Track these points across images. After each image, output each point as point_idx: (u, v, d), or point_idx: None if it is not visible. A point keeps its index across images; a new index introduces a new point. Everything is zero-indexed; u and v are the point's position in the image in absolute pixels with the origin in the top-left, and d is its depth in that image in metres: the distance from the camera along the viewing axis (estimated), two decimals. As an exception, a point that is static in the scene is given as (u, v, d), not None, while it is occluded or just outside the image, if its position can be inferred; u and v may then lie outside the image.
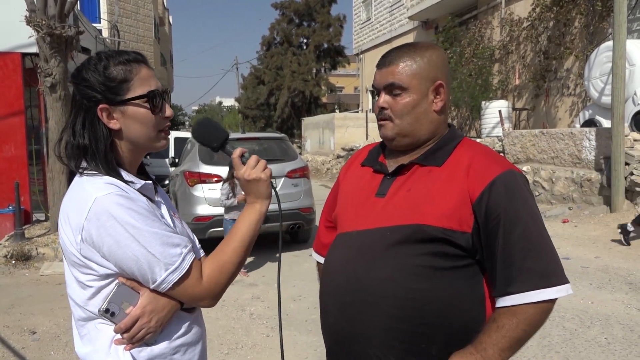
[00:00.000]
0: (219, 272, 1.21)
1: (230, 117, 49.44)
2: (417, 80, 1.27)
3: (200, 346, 1.28)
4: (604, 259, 5.72)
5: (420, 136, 1.31)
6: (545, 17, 11.83)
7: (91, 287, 1.16)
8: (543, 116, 12.07)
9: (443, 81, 1.30)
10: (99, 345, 1.17)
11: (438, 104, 1.30)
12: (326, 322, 1.36)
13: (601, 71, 8.80)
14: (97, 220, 1.10)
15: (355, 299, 1.25)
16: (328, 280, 1.35)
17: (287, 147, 7.36)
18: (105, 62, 1.19)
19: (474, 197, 1.20)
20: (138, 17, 22.82)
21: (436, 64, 1.29)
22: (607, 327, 3.89)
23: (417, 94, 1.28)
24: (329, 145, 18.47)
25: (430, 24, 16.68)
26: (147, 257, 1.11)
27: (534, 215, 1.21)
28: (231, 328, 4.24)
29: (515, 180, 1.22)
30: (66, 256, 1.19)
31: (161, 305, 1.16)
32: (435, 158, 1.29)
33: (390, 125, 1.31)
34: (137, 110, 1.20)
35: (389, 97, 1.30)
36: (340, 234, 1.37)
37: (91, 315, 1.18)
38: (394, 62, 1.29)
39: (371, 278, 1.23)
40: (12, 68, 8.12)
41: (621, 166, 7.33)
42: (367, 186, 1.35)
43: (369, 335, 1.23)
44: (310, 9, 29.59)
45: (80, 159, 1.20)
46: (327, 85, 30.50)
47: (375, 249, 1.25)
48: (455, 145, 1.31)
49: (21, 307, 4.91)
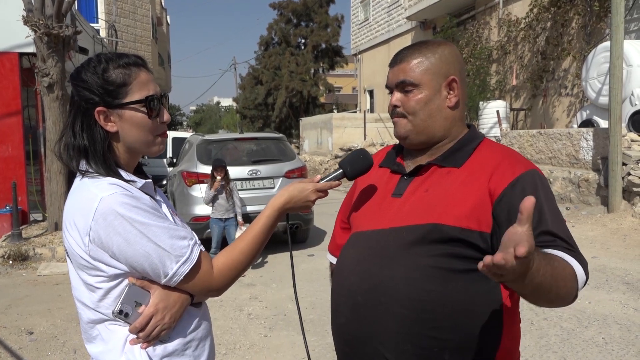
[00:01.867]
0: (230, 265, 1.24)
1: (228, 117, 49.40)
2: (428, 76, 1.26)
3: (209, 341, 1.30)
4: (601, 259, 5.73)
5: (434, 133, 1.28)
6: (543, 18, 11.86)
7: (100, 289, 1.16)
8: (541, 116, 12.09)
9: (456, 76, 1.28)
10: (112, 345, 1.18)
11: (452, 100, 1.28)
12: (337, 322, 1.32)
13: (598, 72, 8.82)
14: (104, 220, 1.10)
15: (367, 299, 1.22)
16: (340, 280, 1.32)
17: (285, 147, 7.36)
18: (104, 64, 1.19)
19: (495, 197, 1.17)
20: (136, 17, 22.79)
21: (448, 59, 1.28)
22: (604, 327, 3.90)
23: (429, 90, 1.26)
24: (327, 146, 18.47)
25: (428, 25, 16.70)
26: (157, 252, 1.12)
27: (557, 214, 1.18)
28: (229, 328, 4.24)
29: (537, 179, 1.20)
30: (73, 259, 1.19)
31: (173, 301, 1.18)
32: (454, 159, 1.26)
33: (403, 123, 1.29)
34: (135, 115, 1.20)
35: (402, 94, 1.28)
36: (355, 234, 1.35)
37: (102, 317, 1.18)
38: (405, 60, 1.28)
39: (384, 278, 1.20)
40: (9, 68, 8.10)
41: (618, 166, 7.35)
42: (384, 187, 1.34)
43: (380, 336, 1.20)
44: (308, 9, 29.59)
45: (80, 160, 1.20)
46: (325, 86, 30.49)
47: (389, 249, 1.22)
48: (476, 147, 1.28)
49: (18, 308, 4.90)
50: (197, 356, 1.24)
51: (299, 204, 1.32)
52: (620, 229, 6.87)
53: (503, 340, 1.19)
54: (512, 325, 1.22)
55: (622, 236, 6.63)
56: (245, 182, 6.73)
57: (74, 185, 1.21)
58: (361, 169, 1.35)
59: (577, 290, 1.10)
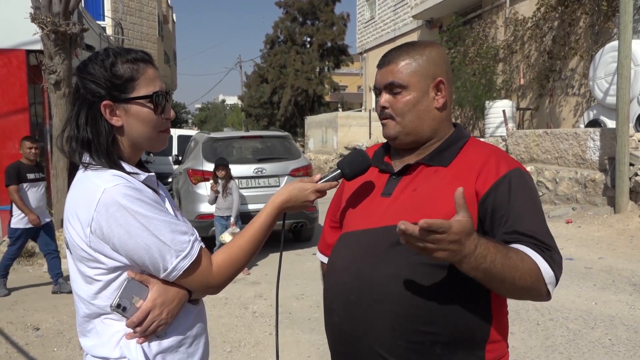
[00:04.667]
0: (229, 262, 1.23)
1: (234, 115, 49.43)
2: (416, 77, 1.28)
3: (204, 339, 1.30)
4: (608, 260, 5.70)
5: (423, 134, 1.31)
6: (550, 17, 11.79)
7: (99, 282, 1.16)
8: (547, 116, 12.03)
9: (443, 78, 1.30)
10: (105, 339, 1.18)
11: (439, 101, 1.30)
12: (331, 321, 1.35)
13: (606, 71, 8.76)
14: (106, 212, 1.10)
15: (360, 298, 1.25)
16: (333, 279, 1.35)
17: (290, 145, 7.36)
18: (112, 58, 1.19)
19: (480, 195, 1.21)
20: (142, 15, 22.84)
21: (435, 61, 1.30)
22: (611, 328, 3.87)
23: (417, 92, 1.28)
24: (332, 144, 18.46)
25: (435, 23, 16.63)
26: (158, 245, 1.12)
27: (535, 212, 1.22)
28: (234, 326, 4.25)
29: (521, 178, 1.24)
30: (73, 251, 1.18)
31: (171, 296, 1.17)
32: (441, 158, 1.29)
33: (392, 124, 1.32)
34: (140, 110, 1.20)
35: (390, 96, 1.31)
36: (345, 233, 1.37)
37: (97, 311, 1.18)
38: (393, 62, 1.30)
39: (376, 276, 1.23)
40: (16, 65, 8.14)
41: (626, 167, 7.30)
42: (373, 186, 1.36)
43: (374, 334, 1.23)
44: (314, 8, 29.54)
45: (83, 153, 1.20)
46: (331, 84, 30.45)
47: (380, 248, 1.25)
48: (462, 145, 1.31)
49: (24, 304, 4.92)
50: (190, 353, 1.24)
51: (298, 204, 1.33)
52: (627, 230, 6.82)
53: (492, 331, 1.24)
54: (501, 317, 1.27)
55: (629, 237, 6.59)
56: (250, 180, 6.74)
57: (76, 177, 1.21)
58: (359, 169, 1.36)
59: (545, 285, 1.15)
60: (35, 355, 3.78)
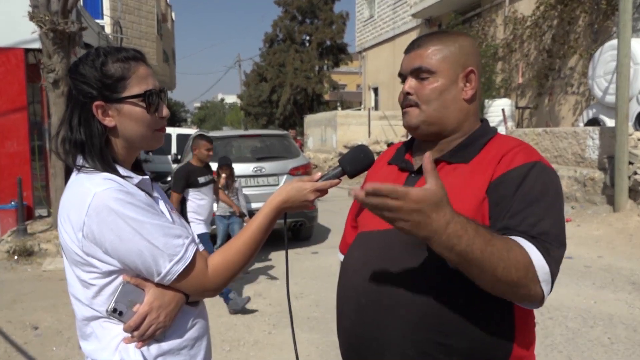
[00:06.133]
0: (225, 265, 1.21)
1: (233, 114, 49.40)
2: (446, 64, 1.20)
3: (205, 340, 1.28)
4: (607, 259, 5.70)
5: (447, 125, 1.22)
6: (550, 16, 11.78)
7: (94, 286, 1.15)
8: (546, 115, 12.03)
9: (475, 68, 1.22)
10: (105, 343, 1.16)
11: (468, 92, 1.22)
12: (342, 325, 1.28)
13: (605, 70, 8.76)
14: (97, 216, 1.09)
15: (371, 301, 1.17)
16: (345, 281, 1.29)
17: (289, 144, 7.36)
18: (103, 58, 1.17)
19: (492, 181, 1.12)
20: (141, 14, 22.80)
21: (468, 50, 1.23)
22: (610, 327, 3.88)
23: (445, 79, 1.20)
24: (331, 143, 18.46)
25: (434, 22, 16.63)
26: (150, 250, 1.11)
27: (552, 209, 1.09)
28: (233, 325, 4.24)
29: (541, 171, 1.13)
30: (67, 255, 1.17)
31: (167, 299, 1.16)
32: (463, 155, 1.21)
33: (415, 112, 1.22)
34: (133, 109, 1.18)
35: (416, 81, 1.22)
36: (361, 233, 1.31)
37: (96, 314, 1.17)
38: (423, 46, 1.22)
39: (388, 280, 1.15)
40: (14, 64, 8.12)
41: (625, 165, 7.30)
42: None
43: (384, 341, 1.15)
44: (313, 6, 29.53)
45: (77, 155, 1.19)
46: (330, 83, 30.45)
47: (394, 249, 1.17)
48: (487, 141, 1.22)
49: (23, 303, 4.92)
50: (192, 355, 1.22)
51: (297, 204, 1.28)
52: (626, 229, 6.83)
53: (515, 347, 1.12)
54: (526, 331, 1.15)
55: (628, 236, 6.59)
56: (249, 179, 6.73)
57: (70, 180, 1.19)
58: (362, 166, 1.31)
59: (538, 283, 1.01)
60: (34, 354, 3.77)
